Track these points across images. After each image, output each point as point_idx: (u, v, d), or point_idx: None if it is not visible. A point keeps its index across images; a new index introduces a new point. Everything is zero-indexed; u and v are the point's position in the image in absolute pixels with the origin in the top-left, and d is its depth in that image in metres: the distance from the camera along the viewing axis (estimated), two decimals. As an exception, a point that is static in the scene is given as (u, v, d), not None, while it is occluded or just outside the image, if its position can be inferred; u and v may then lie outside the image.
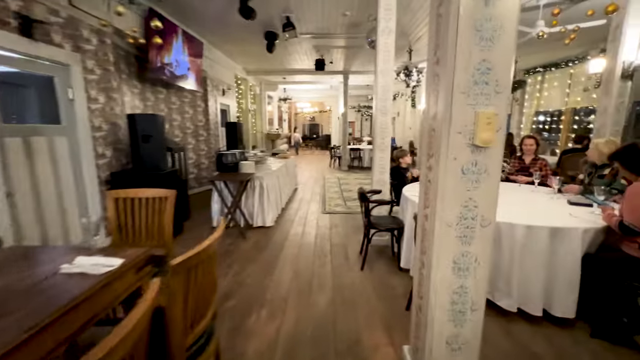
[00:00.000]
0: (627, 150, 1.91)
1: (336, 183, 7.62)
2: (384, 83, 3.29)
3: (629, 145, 1.92)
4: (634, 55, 3.09)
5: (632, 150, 1.89)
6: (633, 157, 1.87)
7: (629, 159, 1.89)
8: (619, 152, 1.95)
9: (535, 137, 3.74)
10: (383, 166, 3.44)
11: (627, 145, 1.93)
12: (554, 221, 2.06)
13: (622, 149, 1.95)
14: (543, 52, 7.24)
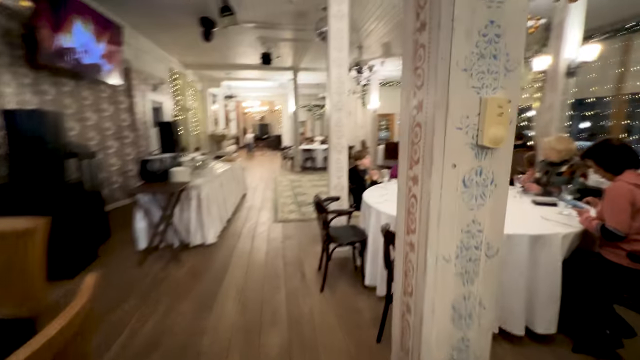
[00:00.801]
0: (601, 147, 1.77)
1: (289, 186, 7.13)
2: (338, 75, 2.91)
3: (602, 143, 1.78)
4: (575, 53, 3.15)
5: (606, 148, 1.75)
6: (608, 154, 1.73)
7: (603, 156, 1.75)
8: (593, 150, 1.80)
9: None
10: (340, 169, 3.06)
11: (600, 143, 1.79)
12: (531, 227, 1.85)
13: (595, 146, 1.80)
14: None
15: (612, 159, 1.72)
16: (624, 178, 1.64)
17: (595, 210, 1.94)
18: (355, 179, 3.46)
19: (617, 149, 1.71)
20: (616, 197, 1.61)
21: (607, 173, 1.75)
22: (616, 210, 1.59)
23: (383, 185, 3.15)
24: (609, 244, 1.67)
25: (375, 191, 2.91)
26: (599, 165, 1.77)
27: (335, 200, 2.89)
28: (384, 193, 2.78)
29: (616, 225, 1.58)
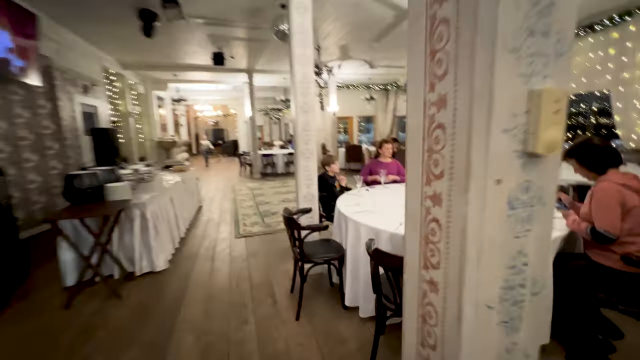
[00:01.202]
0: (584, 147, 1.73)
1: (249, 195, 6.66)
2: (304, 75, 2.63)
3: (584, 142, 1.75)
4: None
5: (589, 147, 1.71)
6: (591, 154, 1.69)
7: (587, 156, 1.70)
8: (575, 149, 1.76)
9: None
10: (310, 177, 2.78)
11: (582, 142, 1.75)
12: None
13: (577, 145, 1.76)
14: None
15: (596, 158, 1.68)
16: (611, 178, 1.61)
17: (568, 206, 1.91)
18: (324, 187, 3.21)
19: (600, 148, 1.68)
20: (605, 198, 1.56)
21: (590, 172, 1.71)
22: (606, 212, 1.54)
23: (355, 192, 2.94)
24: (598, 247, 1.61)
25: (349, 199, 2.68)
26: (582, 165, 1.73)
27: (307, 212, 2.61)
28: (360, 201, 2.56)
29: (607, 228, 1.53)
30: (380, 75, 9.65)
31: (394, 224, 1.97)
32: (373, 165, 3.80)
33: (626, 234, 1.52)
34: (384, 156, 3.78)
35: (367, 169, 3.82)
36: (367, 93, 10.62)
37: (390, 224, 1.98)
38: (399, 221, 2.00)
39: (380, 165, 3.76)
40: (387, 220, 2.07)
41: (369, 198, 2.68)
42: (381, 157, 3.82)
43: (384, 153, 3.74)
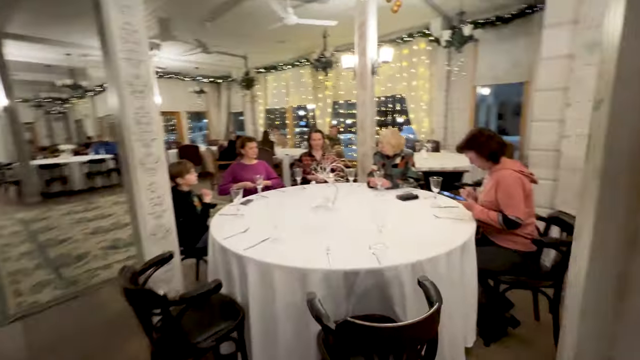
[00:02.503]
0: (480, 138, 1.76)
1: (22, 235, 4.14)
2: (126, 24, 1.52)
3: (478, 134, 1.79)
4: (375, 53, 3.46)
5: (485, 138, 1.76)
6: (488, 144, 1.74)
7: (484, 147, 1.75)
8: (473, 141, 1.78)
9: (321, 131, 3.51)
10: (161, 201, 1.72)
11: (477, 134, 1.79)
12: (448, 234, 1.61)
13: (473, 137, 1.79)
14: (269, 53, 7.64)
15: (493, 148, 1.74)
16: (508, 166, 1.70)
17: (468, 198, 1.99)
18: (179, 208, 2.17)
19: (495, 138, 1.75)
20: (512, 187, 1.62)
21: (487, 162, 1.78)
22: (515, 199, 1.60)
23: (231, 209, 2.13)
24: (505, 233, 1.68)
25: (229, 224, 1.86)
26: (481, 156, 1.77)
27: (165, 262, 1.56)
28: (249, 225, 1.80)
29: (518, 214, 1.59)
30: (211, 66, 8.55)
31: (318, 253, 1.39)
32: (237, 169, 3.03)
33: (526, 216, 1.64)
34: (247, 157, 3.07)
35: (229, 175, 3.00)
36: (196, 85, 9.19)
37: (314, 254, 1.39)
38: (325, 246, 1.44)
39: (246, 169, 3.03)
40: (304, 250, 1.47)
41: (257, 217, 1.97)
42: (245, 159, 3.09)
43: (248, 153, 3.03)
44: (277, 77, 8.87)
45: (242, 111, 10.13)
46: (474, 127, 5.91)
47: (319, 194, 2.24)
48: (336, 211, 2.07)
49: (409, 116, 6.59)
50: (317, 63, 5.97)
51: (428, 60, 6.04)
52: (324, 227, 1.80)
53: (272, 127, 9.37)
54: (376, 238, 1.51)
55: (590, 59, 2.13)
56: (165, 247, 1.73)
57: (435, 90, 6.06)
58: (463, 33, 4.25)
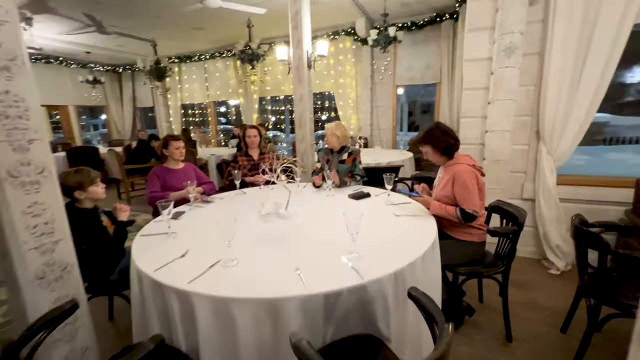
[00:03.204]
0: (437, 133, 1.75)
1: None
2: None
3: (435, 128, 1.77)
4: (309, 45, 3.30)
5: (442, 133, 1.75)
6: (444, 139, 1.75)
7: (440, 142, 1.75)
8: (429, 136, 1.76)
9: (258, 128, 3.17)
10: (51, 225, 1.19)
11: (434, 129, 1.78)
12: (416, 234, 1.55)
13: (430, 132, 1.77)
14: (183, 40, 6.78)
15: (448, 143, 1.75)
16: (462, 161, 1.73)
17: (422, 194, 1.99)
18: (83, 232, 1.61)
19: (450, 134, 1.77)
20: (468, 181, 1.65)
21: (442, 157, 1.79)
22: (472, 193, 1.64)
23: (158, 227, 1.69)
24: (462, 226, 1.72)
25: (152, 245, 1.46)
26: (436, 150, 1.77)
27: (64, 318, 1.07)
28: (183, 245, 1.43)
29: (474, 207, 1.63)
30: (108, 51, 7.14)
31: (286, 274, 1.16)
32: (161, 175, 2.50)
33: (480, 209, 1.70)
34: (173, 160, 2.57)
35: (154, 182, 2.46)
36: (88, 73, 7.56)
37: (282, 276, 1.15)
38: (292, 264, 1.22)
39: (173, 174, 2.54)
40: (269, 272, 1.22)
41: (196, 234, 1.60)
42: (170, 162, 2.58)
43: (174, 155, 2.53)
44: (194, 69, 7.98)
45: (153, 106, 8.83)
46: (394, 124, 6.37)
47: (265, 199, 1.97)
48: (291, 218, 1.84)
49: (337, 113, 6.69)
50: (242, 55, 5.51)
51: (354, 59, 6.20)
52: (283, 239, 1.56)
53: (192, 124, 8.42)
54: (346, 247, 1.35)
55: (508, 61, 2.38)
56: (62, 292, 1.23)
57: (361, 88, 6.27)
58: (389, 34, 4.44)
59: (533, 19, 2.39)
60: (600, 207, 2.45)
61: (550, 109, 2.38)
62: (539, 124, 2.50)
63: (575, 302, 1.78)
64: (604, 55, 2.17)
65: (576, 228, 1.52)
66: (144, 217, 4.32)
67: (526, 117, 2.59)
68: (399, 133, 6.59)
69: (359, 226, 1.28)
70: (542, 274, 2.53)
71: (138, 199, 5.37)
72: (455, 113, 5.32)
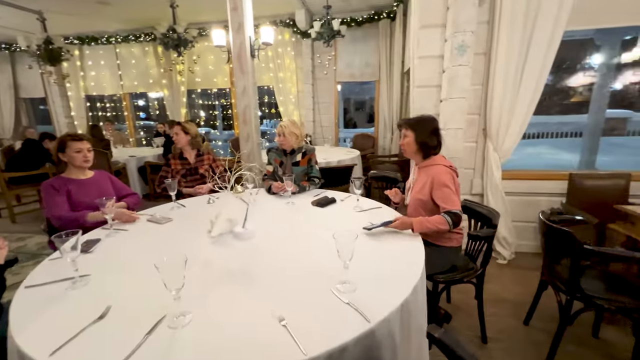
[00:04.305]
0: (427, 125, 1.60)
1: None
2: None
3: (430, 120, 1.62)
4: (252, 30, 2.91)
5: (431, 128, 1.61)
6: (429, 135, 1.60)
7: (424, 135, 1.60)
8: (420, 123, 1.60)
9: (180, 123, 2.63)
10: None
11: (428, 119, 1.62)
12: (404, 248, 1.37)
13: (422, 120, 1.61)
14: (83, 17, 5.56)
15: (431, 143, 1.61)
16: (439, 161, 1.61)
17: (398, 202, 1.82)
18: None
19: (438, 136, 1.63)
20: (448, 182, 1.53)
21: (416, 152, 1.66)
22: (453, 193, 1.53)
23: (57, 269, 1.17)
24: (453, 232, 1.60)
25: (49, 303, 0.97)
26: (416, 142, 1.62)
27: None
28: (98, 298, 0.98)
29: (458, 207, 1.52)
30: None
31: (268, 328, 0.85)
32: (60, 188, 1.85)
33: (460, 210, 1.61)
34: (76, 168, 1.93)
35: (55, 199, 1.80)
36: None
37: (264, 333, 0.84)
38: (270, 310, 0.91)
39: (82, 186, 1.91)
40: (242, 326, 0.88)
41: (119, 276, 1.15)
42: (72, 171, 1.93)
43: (75, 160, 1.89)
44: (102, 53, 6.66)
45: (45, 97, 7.13)
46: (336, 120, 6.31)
47: (212, 214, 1.57)
48: (251, 238, 1.49)
49: (278, 109, 6.33)
50: (165, 39, 4.72)
51: (293, 52, 5.91)
52: (250, 271, 1.21)
53: (103, 120, 7.06)
54: (333, 274, 1.09)
55: (461, 59, 2.39)
56: None
57: (302, 83, 6.02)
58: (332, 27, 4.27)
59: (481, 19, 2.45)
60: (538, 199, 2.68)
61: (497, 108, 2.48)
62: (487, 122, 2.60)
63: (538, 294, 1.84)
64: (541, 58, 2.33)
65: (547, 226, 1.54)
66: (37, 240, 3.34)
67: (475, 115, 2.67)
68: (341, 130, 6.56)
69: (353, 251, 1.02)
70: (492, 265, 2.67)
71: (27, 216, 4.19)
72: (395, 111, 5.49)
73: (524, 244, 2.82)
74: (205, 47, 6.11)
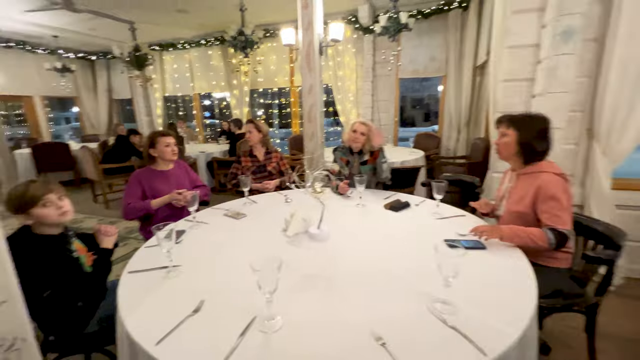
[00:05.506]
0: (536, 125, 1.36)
1: None
2: None
3: (541, 119, 1.37)
4: (321, 27, 2.87)
5: (541, 129, 1.37)
6: (537, 138, 1.37)
7: (530, 137, 1.37)
8: (527, 122, 1.37)
9: (254, 121, 2.69)
10: None
11: (538, 118, 1.38)
12: (506, 264, 1.19)
13: (530, 118, 1.38)
14: (165, 26, 6.14)
15: (539, 148, 1.37)
16: (548, 168, 1.37)
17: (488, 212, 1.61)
18: (42, 271, 1.13)
19: (547, 140, 1.39)
20: (560, 194, 1.29)
21: (515, 156, 1.43)
22: (565, 209, 1.28)
23: (154, 256, 1.24)
24: (558, 252, 1.36)
25: (149, 290, 1.02)
26: (517, 143, 1.39)
27: None
28: (193, 289, 1.00)
29: (568, 227, 1.28)
30: (79, 35, 6.37)
31: (365, 348, 0.76)
32: (147, 179, 2.02)
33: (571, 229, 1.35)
34: (162, 161, 2.08)
35: (136, 188, 1.98)
36: (56, 60, 6.73)
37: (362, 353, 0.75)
38: (369, 330, 0.82)
39: (162, 177, 2.06)
40: (342, 344, 0.81)
41: (208, 270, 1.17)
42: (158, 163, 2.09)
43: (164, 155, 2.04)
44: (177, 58, 7.32)
45: (131, 98, 8.08)
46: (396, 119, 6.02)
47: (279, 210, 1.55)
48: (327, 240, 1.43)
49: (336, 108, 6.28)
50: (234, 42, 4.97)
51: (354, 49, 5.79)
52: (332, 277, 1.14)
53: (177, 118, 7.77)
54: (426, 289, 0.97)
55: (564, 48, 2.05)
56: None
57: (362, 80, 5.88)
58: (400, 20, 4.05)
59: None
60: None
61: (611, 103, 2.07)
62: (594, 120, 2.20)
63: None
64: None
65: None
66: (125, 224, 3.77)
67: (577, 112, 2.28)
68: (399, 129, 6.27)
69: (458, 268, 0.89)
70: (591, 290, 2.26)
71: (118, 203, 4.77)
72: (464, 108, 5.05)
73: (637, 268, 2.34)
74: (269, 48, 6.33)
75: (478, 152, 3.92)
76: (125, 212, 1.92)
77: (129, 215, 1.92)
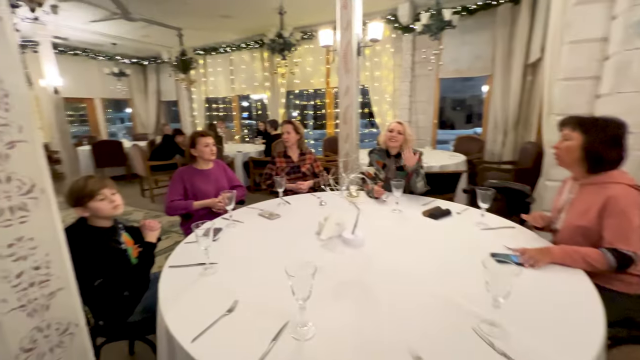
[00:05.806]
0: (607, 129, 1.18)
1: None
2: None
3: (613, 124, 1.18)
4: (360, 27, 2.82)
5: (613, 135, 1.18)
6: (607, 144, 1.18)
7: (602, 144, 1.19)
8: (596, 126, 1.17)
9: (293, 122, 2.71)
10: (43, 271, 0.81)
11: (610, 123, 1.19)
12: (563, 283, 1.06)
13: (601, 122, 1.19)
14: (209, 31, 6.44)
15: (611, 156, 1.19)
16: (620, 179, 1.20)
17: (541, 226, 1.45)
18: (94, 261, 1.21)
19: (622, 146, 1.19)
20: (631, 210, 1.12)
21: (580, 165, 1.26)
22: (634, 228, 1.11)
23: (193, 252, 1.28)
24: (622, 273, 1.20)
25: (188, 285, 1.04)
26: (583, 150, 1.21)
27: None
28: (229, 288, 1.01)
29: (635, 249, 1.10)
30: (134, 42, 6.93)
31: None
32: (189, 177, 2.11)
33: None
34: (202, 160, 2.17)
35: (178, 185, 2.08)
36: (114, 66, 7.39)
37: None
38: (406, 346, 0.76)
39: (202, 176, 2.15)
40: None
41: (242, 269, 1.17)
42: (198, 162, 2.18)
43: (203, 154, 2.12)
44: (220, 61, 7.66)
45: (177, 100, 8.62)
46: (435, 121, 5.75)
47: (313, 213, 1.52)
48: (361, 246, 1.38)
49: (372, 109, 6.16)
50: (273, 44, 5.09)
51: (393, 49, 5.65)
52: (367, 286, 1.10)
53: (216, 119, 8.14)
54: (472, 309, 0.88)
55: (639, 41, 1.80)
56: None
57: (399, 81, 5.71)
58: (443, 17, 3.86)
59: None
60: None
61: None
62: (674, 124, 1.91)
63: None
64: None
65: None
66: (168, 218, 4.01)
67: (652, 115, 1.99)
68: (438, 131, 5.99)
69: (510, 288, 0.80)
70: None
71: (162, 197, 5.10)
72: (512, 109, 4.69)
73: None
74: (305, 50, 6.39)
75: (527, 157, 3.61)
76: (168, 209, 2.02)
77: (171, 212, 2.03)
